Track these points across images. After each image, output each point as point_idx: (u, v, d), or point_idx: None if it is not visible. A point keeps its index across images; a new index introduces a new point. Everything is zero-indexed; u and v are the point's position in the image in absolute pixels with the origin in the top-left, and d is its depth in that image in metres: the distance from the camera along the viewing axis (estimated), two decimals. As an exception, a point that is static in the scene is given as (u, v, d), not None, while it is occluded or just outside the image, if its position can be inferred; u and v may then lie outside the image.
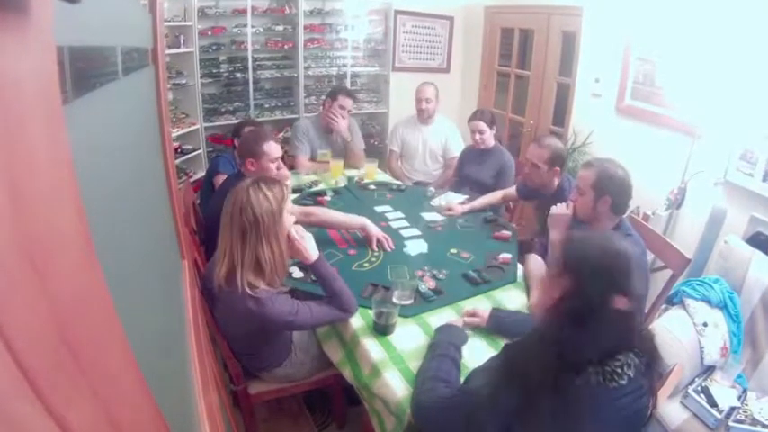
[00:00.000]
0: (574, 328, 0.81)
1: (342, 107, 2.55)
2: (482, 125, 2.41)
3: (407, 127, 2.84)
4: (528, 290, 1.56)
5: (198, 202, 2.42)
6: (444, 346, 1.17)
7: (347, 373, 1.31)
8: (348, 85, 3.46)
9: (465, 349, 1.21)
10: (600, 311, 0.80)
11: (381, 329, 1.30)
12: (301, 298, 1.36)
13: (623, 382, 0.82)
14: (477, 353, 1.22)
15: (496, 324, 1.29)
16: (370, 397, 1.22)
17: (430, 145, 2.80)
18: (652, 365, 0.89)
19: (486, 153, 2.47)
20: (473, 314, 1.33)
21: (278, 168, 1.84)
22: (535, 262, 1.62)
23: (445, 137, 2.78)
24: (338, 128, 2.56)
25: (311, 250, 1.35)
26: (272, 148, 1.82)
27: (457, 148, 2.76)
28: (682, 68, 2.24)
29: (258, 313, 1.22)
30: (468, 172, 2.53)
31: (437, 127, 2.79)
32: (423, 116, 2.74)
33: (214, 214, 1.40)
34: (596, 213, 1.48)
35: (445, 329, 1.25)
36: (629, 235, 1.47)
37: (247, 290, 1.20)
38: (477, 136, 2.43)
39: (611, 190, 1.45)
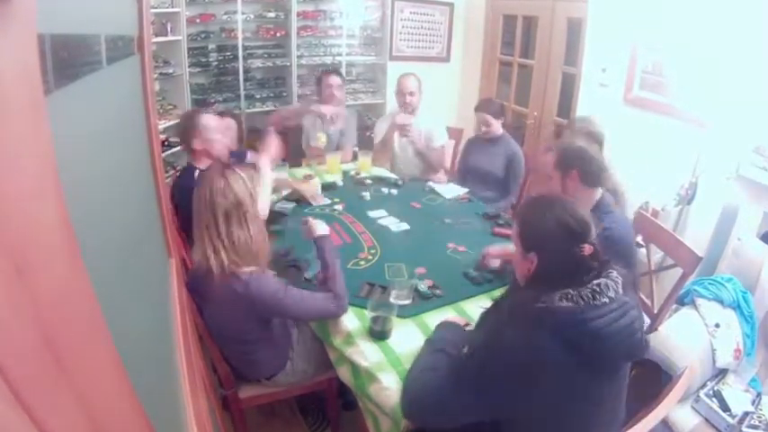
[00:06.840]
0: (550, 277, 0.93)
1: (330, 85, 2.55)
2: (488, 118, 2.37)
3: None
4: None
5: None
6: (442, 342, 1.14)
7: (344, 374, 1.27)
8: (344, 74, 3.36)
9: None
10: (570, 261, 0.92)
11: (378, 335, 1.27)
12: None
13: (605, 299, 0.87)
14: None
15: None
16: (366, 398, 1.19)
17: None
18: (633, 282, 0.96)
19: (494, 142, 2.42)
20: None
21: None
22: None
23: (427, 128, 2.59)
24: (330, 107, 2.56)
25: (320, 227, 1.46)
26: (209, 119, 1.89)
27: (441, 136, 2.61)
28: (693, 58, 2.17)
29: (245, 295, 1.20)
30: (475, 163, 2.45)
31: (420, 120, 2.59)
32: (407, 111, 2.56)
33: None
34: (567, 192, 1.45)
35: (444, 327, 1.22)
36: (610, 212, 1.44)
37: (234, 270, 1.20)
38: (483, 128, 2.41)
39: (575, 163, 1.43)
